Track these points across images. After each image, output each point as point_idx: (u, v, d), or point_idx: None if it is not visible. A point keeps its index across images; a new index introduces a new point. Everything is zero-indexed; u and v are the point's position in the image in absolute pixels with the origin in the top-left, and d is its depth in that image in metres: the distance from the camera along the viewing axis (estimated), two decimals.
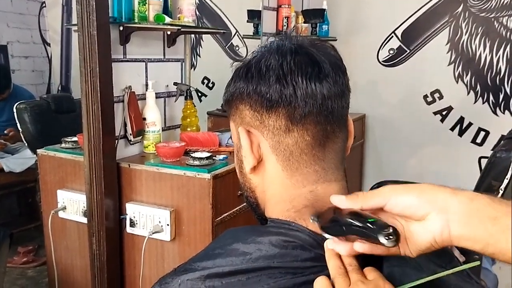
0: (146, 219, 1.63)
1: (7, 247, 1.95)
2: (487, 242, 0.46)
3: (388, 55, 3.12)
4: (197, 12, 1.95)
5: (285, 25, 2.73)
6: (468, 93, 2.93)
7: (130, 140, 1.77)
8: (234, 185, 1.63)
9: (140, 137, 1.80)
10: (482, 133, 2.93)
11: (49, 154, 1.85)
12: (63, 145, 1.86)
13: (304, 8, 3.04)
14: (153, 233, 1.61)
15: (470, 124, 2.96)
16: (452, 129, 3.01)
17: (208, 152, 1.68)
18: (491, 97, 2.88)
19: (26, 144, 2.79)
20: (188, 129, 1.99)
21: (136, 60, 1.80)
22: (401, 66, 3.09)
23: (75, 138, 1.85)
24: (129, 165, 1.68)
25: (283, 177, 0.61)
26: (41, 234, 1.97)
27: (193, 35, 2.62)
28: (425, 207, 0.49)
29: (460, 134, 2.99)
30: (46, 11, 3.99)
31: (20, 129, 2.74)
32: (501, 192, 1.71)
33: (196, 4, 1.90)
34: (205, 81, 2.94)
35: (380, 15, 3.09)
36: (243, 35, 2.91)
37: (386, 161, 3.27)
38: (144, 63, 1.84)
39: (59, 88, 3.94)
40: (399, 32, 3.06)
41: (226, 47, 2.95)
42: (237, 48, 2.95)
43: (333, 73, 0.59)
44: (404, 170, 3.14)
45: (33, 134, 2.73)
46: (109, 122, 1.60)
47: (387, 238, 0.48)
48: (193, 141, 1.84)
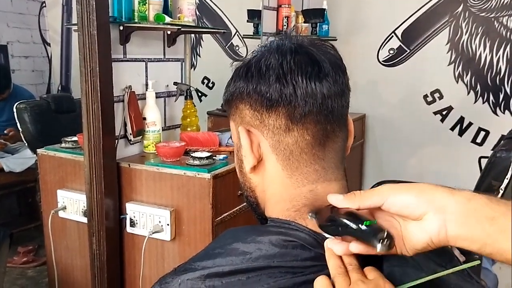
0: (146, 219, 1.63)
1: (7, 247, 1.95)
2: (485, 242, 0.46)
3: (388, 55, 3.12)
4: (197, 12, 1.95)
5: (285, 25, 2.73)
6: (468, 93, 2.93)
7: (130, 140, 1.77)
8: (234, 185, 1.63)
9: (140, 137, 1.80)
10: (482, 133, 2.93)
11: (49, 154, 1.85)
12: (63, 145, 1.86)
13: (304, 8, 3.04)
14: (153, 233, 1.61)
15: (470, 124, 2.96)
16: (452, 129, 3.01)
17: (208, 152, 1.68)
18: (491, 97, 2.88)
19: (26, 144, 2.79)
20: (188, 129, 1.99)
21: (136, 60, 1.80)
22: (401, 66, 3.09)
23: (75, 138, 1.85)
24: (129, 165, 1.68)
25: (283, 177, 0.61)
26: (41, 234, 1.97)
27: (193, 35, 2.62)
28: (423, 207, 0.49)
29: (460, 134, 2.99)
30: (46, 11, 3.99)
31: (20, 129, 2.74)
32: (501, 192, 1.71)
33: (196, 4, 1.90)
34: (205, 81, 2.94)
35: (380, 15, 3.09)
36: (243, 35, 2.91)
37: (386, 161, 3.27)
38: (144, 63, 1.84)
39: (59, 88, 3.95)
40: (399, 32, 3.06)
41: (226, 47, 2.95)
42: (237, 48, 2.94)
43: (333, 73, 0.59)
44: (404, 170, 3.13)
45: (33, 134, 2.73)
46: (109, 122, 1.60)
47: (381, 243, 0.48)
48: (193, 141, 1.84)
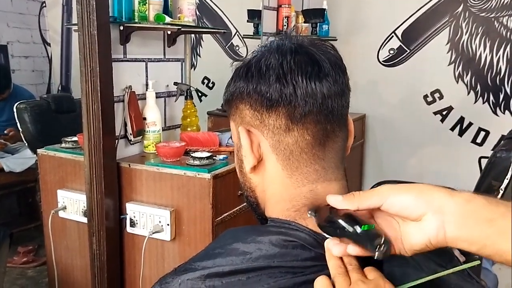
0: (146, 219, 1.63)
1: (7, 247, 1.95)
2: (483, 244, 0.46)
3: (388, 55, 3.12)
4: (197, 12, 1.96)
5: (285, 25, 2.73)
6: (468, 93, 2.92)
7: (130, 140, 1.77)
8: (234, 185, 1.63)
9: (140, 137, 1.80)
10: (482, 133, 2.93)
11: (49, 154, 1.85)
12: (63, 145, 1.86)
13: (304, 8, 3.04)
14: (153, 233, 1.61)
15: (470, 124, 2.96)
16: (452, 129, 3.01)
17: (208, 152, 1.68)
18: (491, 97, 2.88)
19: (26, 144, 2.79)
20: (188, 129, 1.99)
21: (136, 60, 1.80)
22: (401, 66, 3.09)
23: (75, 138, 1.85)
24: (129, 165, 1.68)
25: (283, 177, 0.61)
26: (41, 234, 1.97)
27: (193, 35, 2.63)
28: (421, 208, 0.49)
29: (460, 134, 2.99)
30: (46, 11, 3.99)
31: (20, 129, 2.74)
32: (501, 192, 1.71)
33: (196, 4, 1.90)
34: (205, 81, 2.94)
35: (380, 15, 3.09)
36: (243, 35, 2.91)
37: (386, 161, 3.27)
38: (144, 63, 1.84)
39: (59, 88, 3.95)
40: (399, 32, 3.06)
41: (226, 47, 2.95)
42: (237, 48, 2.94)
43: (333, 72, 0.59)
44: (404, 170, 3.13)
45: (33, 134, 2.73)
46: (109, 122, 1.60)
47: (378, 249, 0.48)
48: (193, 141, 1.84)
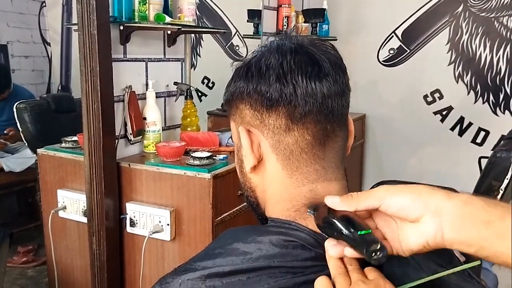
0: (146, 219, 1.63)
1: (7, 247, 1.95)
2: (481, 246, 0.46)
3: (388, 55, 3.12)
4: (197, 12, 1.95)
5: (285, 25, 2.73)
6: (468, 93, 2.93)
7: (130, 140, 1.77)
8: (234, 185, 1.63)
9: (140, 137, 1.79)
10: (482, 133, 2.93)
11: (49, 154, 1.85)
12: (63, 145, 1.86)
13: (305, 8, 3.04)
14: (153, 233, 1.61)
15: (470, 124, 2.96)
16: (452, 129, 3.01)
17: (208, 152, 1.68)
18: (491, 97, 2.88)
19: (26, 144, 2.79)
20: (188, 129, 1.99)
21: (137, 60, 1.80)
22: (401, 66, 3.09)
23: (75, 138, 1.85)
24: (129, 165, 1.68)
25: (283, 176, 0.61)
26: (41, 234, 1.97)
27: (193, 35, 2.62)
28: (419, 210, 0.49)
29: (460, 134, 2.99)
30: (46, 11, 3.99)
31: (20, 129, 2.74)
32: (501, 192, 1.71)
33: (196, 4, 1.90)
34: (205, 81, 2.94)
35: (381, 15, 3.09)
36: (243, 35, 2.91)
37: (386, 161, 3.27)
38: (144, 63, 1.84)
39: (59, 88, 3.95)
40: (399, 32, 3.06)
41: (226, 47, 2.95)
42: (237, 48, 2.94)
43: (333, 72, 0.59)
44: (404, 170, 3.13)
45: (33, 134, 2.73)
46: (109, 122, 1.60)
47: (373, 255, 0.48)
48: (193, 141, 1.84)
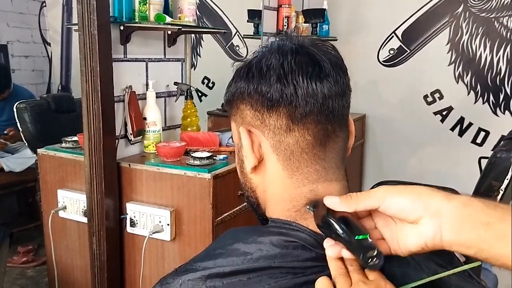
0: (147, 219, 1.63)
1: (7, 247, 1.96)
2: (480, 248, 0.46)
3: (389, 55, 3.12)
4: (197, 12, 1.95)
5: (286, 25, 2.73)
6: (468, 93, 2.93)
7: (131, 140, 1.77)
8: (235, 185, 1.63)
9: (141, 137, 1.79)
10: (482, 133, 2.93)
11: (49, 154, 1.85)
12: (63, 145, 1.86)
13: (305, 8, 3.04)
14: (153, 233, 1.61)
15: (470, 124, 2.96)
16: (452, 129, 3.01)
17: (209, 152, 1.68)
18: (491, 97, 2.88)
19: (26, 144, 2.79)
20: (189, 129, 1.99)
21: (137, 60, 1.80)
22: (402, 66, 3.09)
23: (76, 138, 1.85)
24: (130, 165, 1.68)
25: (284, 177, 0.61)
26: (41, 234, 1.96)
27: (194, 35, 2.62)
28: (418, 212, 0.49)
29: (460, 134, 2.99)
30: (46, 11, 3.99)
31: (20, 129, 2.74)
32: (501, 193, 1.71)
33: (197, 4, 1.90)
34: (205, 81, 2.94)
35: (381, 15, 3.09)
36: (244, 35, 2.91)
37: (386, 161, 3.27)
38: (145, 63, 1.84)
39: (59, 88, 3.95)
40: (400, 32, 3.06)
41: (227, 47, 2.95)
42: (238, 48, 2.95)
43: (334, 73, 0.59)
44: (404, 170, 3.13)
45: (33, 134, 2.73)
46: (110, 122, 1.60)
47: (370, 262, 0.48)
48: (194, 141, 1.84)
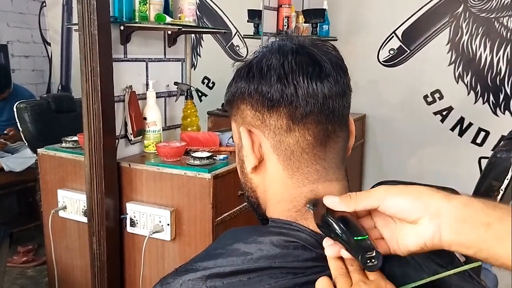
0: (147, 219, 1.63)
1: (7, 247, 1.95)
2: (479, 248, 0.46)
3: (389, 55, 3.12)
4: (198, 12, 1.95)
5: (286, 25, 2.73)
6: (469, 94, 2.93)
7: (131, 140, 1.77)
8: (235, 185, 1.63)
9: (141, 137, 1.80)
10: (482, 134, 2.93)
11: (50, 154, 1.85)
12: (64, 145, 1.86)
13: (305, 8, 3.04)
14: (154, 233, 1.61)
15: (470, 124, 2.96)
16: (452, 129, 3.01)
17: (209, 152, 1.68)
18: (491, 98, 2.88)
19: (26, 144, 2.79)
20: (189, 129, 1.99)
21: (137, 60, 1.80)
22: (402, 66, 3.09)
23: (76, 138, 1.85)
24: (130, 165, 1.68)
25: (284, 177, 0.61)
26: (41, 234, 1.96)
27: (194, 35, 2.62)
28: (418, 212, 0.49)
29: (460, 134, 2.99)
30: (47, 11, 3.99)
31: (20, 129, 2.74)
32: (501, 193, 1.71)
33: (197, 4, 1.90)
34: (205, 81, 2.94)
35: (381, 15, 3.09)
36: (244, 35, 2.91)
37: (386, 161, 3.27)
38: (145, 63, 1.84)
39: (59, 88, 3.95)
40: (400, 32, 3.06)
41: (227, 47, 2.95)
42: (238, 48, 2.95)
43: (334, 73, 0.59)
44: (404, 170, 3.14)
45: (33, 134, 2.72)
46: (110, 122, 1.60)
47: (368, 263, 0.48)
48: (194, 141, 1.84)
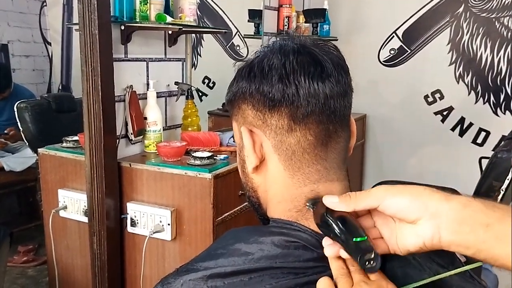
0: (147, 219, 1.63)
1: (8, 246, 1.95)
2: (479, 249, 0.46)
3: (389, 55, 3.11)
4: (198, 12, 1.95)
5: (286, 25, 2.73)
6: (469, 94, 2.92)
7: (131, 140, 1.77)
8: (235, 185, 1.63)
9: (141, 137, 1.80)
10: (483, 134, 2.93)
11: (50, 153, 1.85)
12: (64, 145, 1.86)
13: (305, 8, 3.04)
14: (154, 233, 1.61)
15: (471, 125, 2.96)
16: (453, 129, 3.01)
17: (209, 152, 1.68)
18: (492, 98, 2.88)
19: (27, 143, 2.79)
20: (189, 129, 1.99)
21: (138, 60, 1.80)
22: (402, 66, 3.09)
23: (76, 138, 1.85)
24: (130, 165, 1.68)
25: (285, 177, 0.61)
26: (42, 234, 1.96)
27: (194, 35, 2.62)
28: (417, 212, 0.49)
29: (461, 134, 2.99)
30: (47, 10, 3.99)
31: (21, 128, 2.74)
32: (502, 193, 1.71)
33: (197, 4, 1.90)
34: (206, 81, 2.94)
35: (381, 15, 3.09)
36: (244, 35, 2.91)
37: (387, 161, 3.27)
38: (145, 63, 1.84)
39: (60, 87, 3.95)
40: (400, 32, 3.06)
41: (227, 47, 2.95)
42: (238, 48, 2.95)
43: (336, 73, 0.59)
44: (405, 170, 3.13)
45: (34, 133, 2.72)
46: (110, 122, 1.60)
47: (367, 264, 0.48)
48: (194, 141, 1.84)
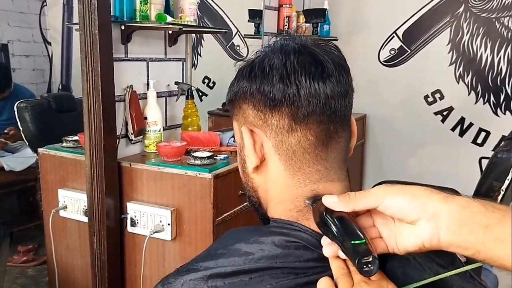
0: (147, 219, 1.63)
1: (7, 246, 1.95)
2: (478, 250, 0.46)
3: (389, 55, 3.12)
4: (198, 12, 1.95)
5: (286, 25, 2.73)
6: (469, 94, 2.93)
7: (131, 140, 1.77)
8: (235, 185, 1.63)
9: (141, 137, 1.79)
10: (483, 134, 2.93)
11: (50, 153, 1.85)
12: (64, 144, 1.86)
13: (305, 8, 3.04)
14: (154, 233, 1.61)
15: (471, 125, 2.96)
16: (453, 130, 3.01)
17: (209, 152, 1.68)
18: (492, 98, 2.88)
19: (27, 143, 2.79)
20: (189, 129, 1.99)
21: (138, 59, 1.80)
22: (402, 66, 3.09)
23: (76, 137, 1.85)
24: (130, 165, 1.68)
25: (285, 177, 0.61)
26: (42, 233, 1.96)
27: (194, 35, 2.62)
28: (416, 213, 0.49)
29: (461, 135, 2.99)
30: (47, 10, 3.99)
31: (21, 128, 2.74)
32: (502, 193, 1.71)
33: (198, 4, 1.90)
34: (206, 81, 2.94)
35: (381, 15, 3.09)
36: (244, 35, 2.91)
37: (387, 161, 3.27)
38: (146, 62, 1.84)
39: (60, 87, 3.95)
40: (400, 32, 3.06)
41: (227, 47, 2.95)
42: (238, 48, 2.95)
43: (337, 73, 0.59)
44: (405, 170, 3.14)
45: (34, 133, 2.72)
46: (111, 121, 1.60)
47: (365, 268, 0.48)
48: (194, 141, 1.84)
